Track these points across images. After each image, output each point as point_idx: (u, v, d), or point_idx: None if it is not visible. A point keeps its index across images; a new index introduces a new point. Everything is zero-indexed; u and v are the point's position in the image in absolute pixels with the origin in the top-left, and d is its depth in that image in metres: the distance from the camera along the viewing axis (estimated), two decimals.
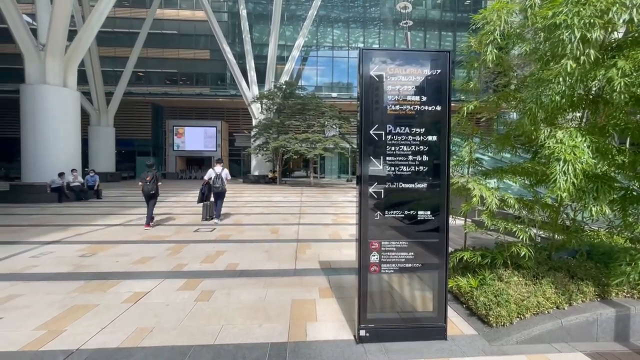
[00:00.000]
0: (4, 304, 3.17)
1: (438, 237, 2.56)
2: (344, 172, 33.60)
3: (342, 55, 34.58)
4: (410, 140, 2.54)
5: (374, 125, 2.52)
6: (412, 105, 2.54)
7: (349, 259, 4.85)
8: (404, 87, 2.53)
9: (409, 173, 2.55)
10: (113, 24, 30.57)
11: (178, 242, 5.89)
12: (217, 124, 30.61)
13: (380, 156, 2.54)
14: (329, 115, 21.76)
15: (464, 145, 3.34)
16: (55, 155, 12.53)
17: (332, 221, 8.34)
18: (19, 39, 12.16)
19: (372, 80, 2.51)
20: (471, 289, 3.02)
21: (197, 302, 3.24)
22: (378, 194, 2.54)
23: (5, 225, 7.25)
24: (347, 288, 3.69)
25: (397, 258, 2.56)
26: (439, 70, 2.55)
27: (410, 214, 2.56)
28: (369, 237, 2.53)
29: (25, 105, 12.35)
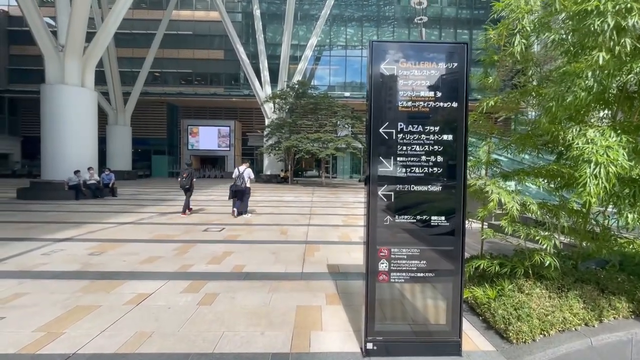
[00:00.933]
0: (9, 303, 3.16)
1: (453, 245, 2.37)
2: (356, 172, 33.32)
3: (356, 55, 34.27)
4: (424, 140, 2.36)
5: (384, 123, 2.35)
6: (425, 101, 2.35)
7: (358, 263, 4.68)
8: (417, 82, 2.35)
9: (422, 175, 2.36)
10: (131, 25, 31.28)
11: (186, 241, 5.85)
12: (230, 123, 30.91)
13: (391, 156, 2.36)
14: (341, 115, 21.57)
15: (481, 146, 3.12)
16: (73, 153, 12.84)
17: (342, 222, 8.17)
18: (39, 40, 12.52)
19: (382, 75, 2.34)
20: (488, 300, 2.80)
21: (200, 306, 3.15)
22: (388, 196, 2.36)
23: (23, 222, 7.42)
24: (355, 294, 3.52)
25: (407, 266, 2.38)
26: (456, 64, 2.35)
27: (423, 219, 2.37)
28: (377, 243, 2.36)
29: (45, 105, 12.71)
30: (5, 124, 29.77)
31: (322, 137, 20.28)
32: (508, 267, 2.87)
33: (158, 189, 17.09)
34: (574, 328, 2.47)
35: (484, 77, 3.14)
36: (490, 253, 3.98)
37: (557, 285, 2.81)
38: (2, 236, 5.99)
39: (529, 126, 3.08)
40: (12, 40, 31.10)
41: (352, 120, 21.80)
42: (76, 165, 12.55)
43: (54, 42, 12.80)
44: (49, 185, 12.53)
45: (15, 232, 6.33)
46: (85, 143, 13.42)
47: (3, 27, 31.26)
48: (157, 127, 31.58)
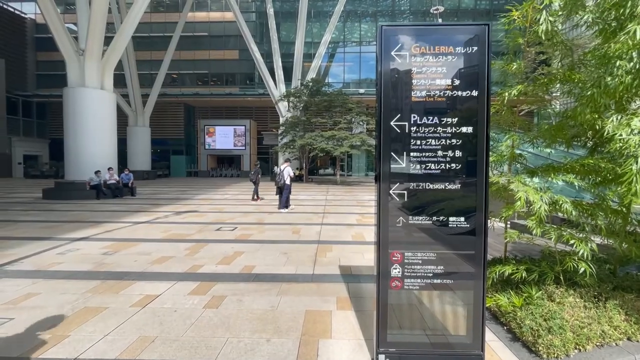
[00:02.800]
0: (20, 304, 3.17)
1: (474, 248, 2.14)
2: (372, 170, 32.85)
3: (370, 51, 33.73)
4: (440, 133, 2.14)
5: (395, 115, 2.15)
6: (442, 90, 2.13)
7: (371, 264, 4.47)
8: (432, 69, 2.13)
9: (438, 171, 2.15)
10: (149, 29, 32.07)
11: (198, 241, 5.83)
12: (246, 122, 31.17)
13: (404, 152, 2.16)
14: (356, 112, 21.25)
15: (504, 139, 2.85)
16: (93, 153, 13.22)
17: (356, 222, 7.96)
18: (61, 45, 12.93)
19: (393, 62, 2.13)
20: (514, 308, 2.55)
21: (206, 310, 3.05)
22: (400, 196, 2.16)
23: (44, 221, 7.65)
24: (367, 299, 3.34)
25: (423, 272, 2.17)
26: (475, 47, 2.11)
27: (440, 220, 2.16)
28: (389, 247, 2.16)
29: (67, 107, 13.14)
30: (34, 127, 31.24)
31: (336, 135, 20.04)
32: (536, 274, 2.60)
33: (176, 189, 17.40)
34: (614, 343, 2.19)
35: (506, 64, 2.86)
36: (514, 255, 3.70)
37: (593, 294, 2.53)
38: (24, 235, 6.16)
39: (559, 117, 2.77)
40: (39, 47, 32.57)
41: (367, 117, 21.44)
42: (97, 166, 12.92)
43: (74, 47, 13.20)
44: (72, 185, 12.96)
45: (36, 231, 6.51)
46: (105, 144, 13.79)
47: (31, 34, 32.77)
48: (175, 128, 32.26)
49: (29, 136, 30.45)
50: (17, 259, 4.65)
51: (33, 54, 32.99)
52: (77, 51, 13.14)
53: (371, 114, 21.93)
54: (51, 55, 29.16)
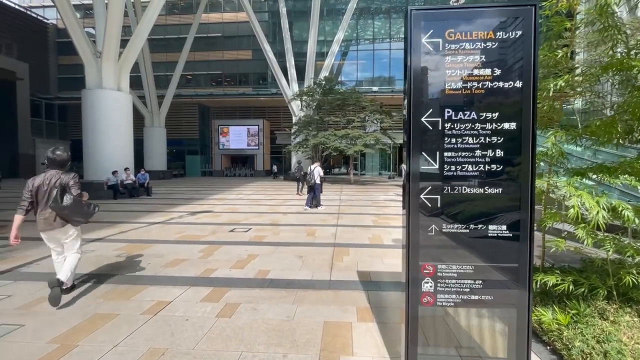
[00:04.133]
0: (32, 308, 3.11)
1: (517, 261, 1.88)
2: (386, 168, 32.39)
3: (384, 48, 33.23)
4: (478, 130, 1.89)
5: (427, 110, 1.91)
6: (480, 81, 1.88)
7: (392, 270, 4.24)
8: (469, 57, 1.88)
9: (476, 174, 1.90)
10: (164, 31, 32.58)
11: (212, 243, 5.72)
12: (259, 122, 31.27)
13: (436, 151, 1.92)
14: (370, 110, 20.89)
15: (547, 136, 2.56)
16: (110, 154, 13.44)
17: (372, 223, 7.71)
18: (80, 48, 13.18)
19: (425, 51, 1.90)
20: (559, 326, 2.27)
21: (219, 319, 2.90)
22: (432, 201, 1.92)
23: None
24: (390, 309, 3.11)
25: (459, 287, 1.93)
26: (520, 32, 1.85)
27: (478, 229, 1.91)
28: (420, 259, 1.93)
29: (85, 109, 13.40)
30: (56, 128, 32.28)
31: (349, 134, 19.75)
32: (585, 287, 2.31)
33: (191, 188, 17.55)
34: None
35: (549, 52, 2.56)
36: (550, 263, 3.38)
37: None
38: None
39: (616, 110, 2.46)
40: (60, 51, 33.64)
41: (381, 115, 21.05)
42: (114, 166, 13.11)
43: (92, 50, 13.44)
44: (90, 185, 13.17)
45: None
46: (122, 144, 14.00)
47: (52, 39, 33.87)
48: (190, 128, 32.68)
49: (51, 137, 31.47)
50: (33, 260, 4.65)
51: (55, 58, 34.13)
52: (94, 54, 13.38)
53: (385, 111, 21.52)
54: (72, 59, 30.02)
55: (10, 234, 3.22)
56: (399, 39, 33.12)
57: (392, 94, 28.85)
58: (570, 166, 2.86)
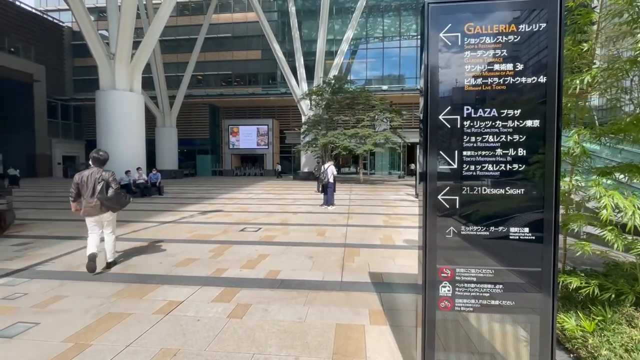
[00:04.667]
0: (47, 307, 3.15)
1: (541, 265, 1.79)
2: (396, 168, 32.12)
3: (393, 46, 32.93)
4: (500, 128, 1.80)
5: (445, 107, 1.84)
6: (501, 77, 1.80)
7: (404, 272, 4.16)
8: (489, 52, 1.80)
9: (497, 173, 1.82)
10: (175, 32, 32.99)
11: (222, 242, 5.73)
12: (268, 122, 31.39)
13: (454, 150, 1.84)
14: (379, 109, 20.71)
15: (570, 134, 2.44)
16: (123, 153, 13.67)
17: (383, 223, 7.61)
18: (94, 50, 13.44)
19: (442, 46, 1.82)
20: (583, 332, 2.16)
21: (230, 319, 2.88)
22: (451, 202, 1.85)
23: (77, 220, 7.88)
24: (403, 312, 3.04)
25: (478, 291, 1.85)
26: (544, 24, 1.76)
27: (498, 231, 1.83)
28: (437, 262, 1.86)
29: (99, 109, 13.67)
30: (72, 129, 33.09)
31: (359, 133, 19.62)
32: (612, 292, 2.19)
33: (201, 188, 17.72)
34: None
35: (573, 45, 2.44)
36: (571, 267, 3.25)
37: None
38: (57, 234, 6.35)
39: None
40: (75, 53, 34.44)
41: (391, 114, 20.84)
42: (127, 166, 13.33)
43: (106, 51, 13.69)
44: None
45: (69, 230, 6.70)
46: (134, 144, 14.23)
47: (68, 41, 34.69)
48: (201, 128, 33.03)
49: (67, 138, 32.29)
50: (48, 259, 4.73)
51: (70, 60, 34.96)
52: (108, 55, 13.62)
53: (395, 110, 21.30)
54: (86, 61, 30.68)
55: (74, 209, 4.27)
56: (409, 36, 32.78)
57: (402, 93, 28.55)
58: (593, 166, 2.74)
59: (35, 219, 8.06)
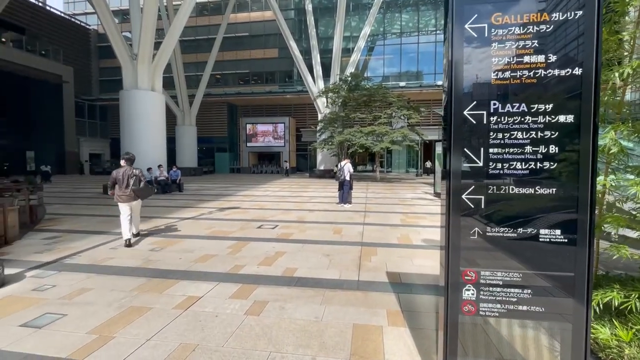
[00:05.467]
0: (74, 299, 3.27)
1: (574, 270, 1.68)
2: (413, 166, 31.58)
3: (411, 42, 32.28)
4: (529, 124, 1.70)
5: (470, 103, 1.75)
6: (532, 70, 1.69)
7: (422, 272, 4.06)
8: (519, 43, 1.70)
9: (526, 172, 1.72)
10: (195, 32, 33.66)
11: (240, 239, 5.80)
12: (285, 120, 31.54)
13: (480, 148, 1.76)
14: (397, 106, 20.34)
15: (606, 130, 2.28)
16: (145, 151, 14.08)
17: (400, 222, 7.48)
18: (117, 51, 13.89)
19: (467, 37, 1.73)
20: (619, 342, 2.03)
21: (247, 316, 2.89)
22: (475, 202, 1.77)
23: (102, 216, 8.21)
24: (422, 313, 2.96)
25: (504, 296, 1.76)
26: (580, 12, 1.64)
27: (527, 233, 1.73)
28: (460, 264, 1.78)
29: (122, 109, 14.14)
30: (97, 128, 34.46)
31: (376, 130, 19.36)
32: None
33: (220, 185, 18.05)
34: None
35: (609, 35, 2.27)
36: (603, 271, 3.07)
37: None
38: (84, 229, 6.62)
39: None
40: (101, 55, 35.80)
41: (409, 111, 20.43)
42: (148, 163, 13.73)
43: (129, 52, 14.12)
44: None
45: (94, 225, 6.97)
46: (155, 142, 14.64)
47: (94, 43, 36.09)
48: (219, 126, 33.60)
49: (93, 136, 33.67)
50: (75, 252, 4.93)
51: (96, 61, 36.39)
52: (130, 56, 14.04)
53: (413, 107, 20.88)
54: (111, 62, 31.84)
55: (111, 194, 5.54)
56: (427, 31, 32.06)
57: (420, 89, 27.99)
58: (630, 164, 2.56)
59: (64, 214, 8.44)
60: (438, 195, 12.29)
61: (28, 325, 2.72)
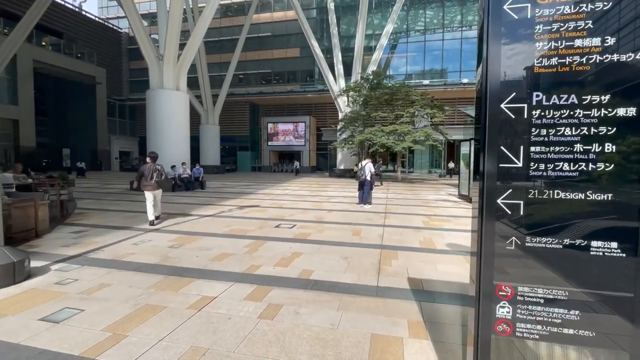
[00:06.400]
0: (92, 294, 3.31)
1: (634, 290, 1.44)
2: (437, 166, 30.69)
3: (436, 39, 31.36)
4: (580, 118, 1.47)
5: (508, 94, 1.54)
6: (585, 55, 1.46)
7: (447, 279, 3.81)
8: (569, 24, 1.47)
9: (576, 174, 1.48)
10: (219, 33, 34.38)
11: (257, 238, 5.75)
12: (305, 119, 31.60)
13: (519, 146, 1.54)
14: (420, 105, 19.75)
15: None
16: (170, 149, 14.47)
17: (423, 224, 7.18)
18: (145, 53, 14.35)
19: (506, 19, 1.52)
20: None
21: (261, 320, 2.79)
22: (513, 207, 1.55)
23: (127, 211, 8.46)
24: (447, 326, 2.74)
25: (547, 316, 1.53)
26: None
27: (576, 245, 1.49)
28: (494, 277, 1.57)
29: (148, 108, 14.61)
30: (127, 126, 36.04)
31: (398, 129, 18.91)
32: None
33: (241, 183, 18.29)
34: None
35: None
36: None
37: None
38: (109, 224, 6.82)
39: None
40: (131, 57, 37.37)
41: (432, 109, 19.80)
42: (173, 161, 14.09)
43: (155, 53, 14.56)
44: None
45: (119, 221, 7.18)
46: (179, 140, 15.02)
47: (125, 46, 37.71)
48: (241, 125, 34.20)
49: (123, 134, 35.24)
50: (99, 247, 5.06)
51: (127, 63, 38.04)
52: (157, 57, 14.47)
53: (437, 106, 20.21)
54: (140, 63, 33.16)
55: (136, 186, 7.00)
56: (452, 28, 31.03)
57: (444, 87, 27.13)
58: None
59: (93, 209, 8.78)
60: (463, 197, 11.78)
61: (47, 319, 2.76)
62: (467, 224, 7.08)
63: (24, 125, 25.17)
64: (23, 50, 22.76)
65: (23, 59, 24.17)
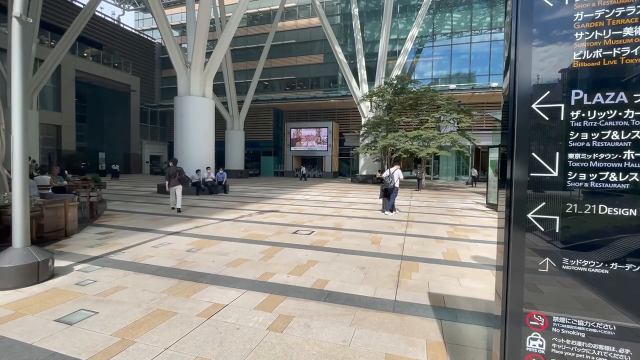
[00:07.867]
0: (108, 296, 3.35)
1: None
2: (463, 173, 29.55)
3: (463, 42, 30.44)
4: (631, 120, 1.25)
5: (541, 93, 1.34)
6: (636, 45, 1.24)
7: (472, 296, 3.53)
8: (615, 10, 1.26)
9: (625, 185, 1.26)
10: (245, 41, 35.36)
11: (274, 244, 5.69)
12: (328, 124, 31.60)
13: (555, 152, 1.34)
14: (446, 109, 19.10)
15: None
16: (195, 153, 14.89)
17: (447, 234, 6.82)
18: (174, 61, 14.93)
19: (539, 8, 1.33)
20: None
21: (269, 332, 2.68)
22: (547, 223, 1.34)
23: (152, 214, 8.72)
24: (470, 349, 2.49)
25: (589, 353, 1.30)
26: None
27: (625, 270, 1.26)
28: (524, 305, 1.36)
29: (176, 114, 15.14)
30: (157, 132, 37.74)
31: (422, 135, 18.38)
32: None
33: (263, 187, 18.49)
34: None
35: None
36: None
37: None
38: (134, 226, 7.03)
39: None
40: (163, 66, 39.25)
41: (459, 114, 19.09)
42: (198, 165, 14.49)
43: (184, 61, 15.12)
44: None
45: (143, 223, 7.39)
46: (205, 145, 15.42)
47: (158, 55, 39.69)
48: (265, 131, 34.78)
49: (154, 140, 36.93)
50: (121, 248, 5.19)
51: (159, 71, 39.97)
52: (185, 64, 15.02)
53: (464, 110, 19.48)
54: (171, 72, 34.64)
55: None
56: (480, 31, 30.02)
57: (472, 92, 26.17)
58: None
59: (121, 210, 9.14)
60: (491, 206, 11.16)
61: (62, 320, 2.80)
62: (495, 235, 6.64)
63: (66, 130, 26.99)
64: (66, 61, 24.50)
65: (66, 68, 26.01)
